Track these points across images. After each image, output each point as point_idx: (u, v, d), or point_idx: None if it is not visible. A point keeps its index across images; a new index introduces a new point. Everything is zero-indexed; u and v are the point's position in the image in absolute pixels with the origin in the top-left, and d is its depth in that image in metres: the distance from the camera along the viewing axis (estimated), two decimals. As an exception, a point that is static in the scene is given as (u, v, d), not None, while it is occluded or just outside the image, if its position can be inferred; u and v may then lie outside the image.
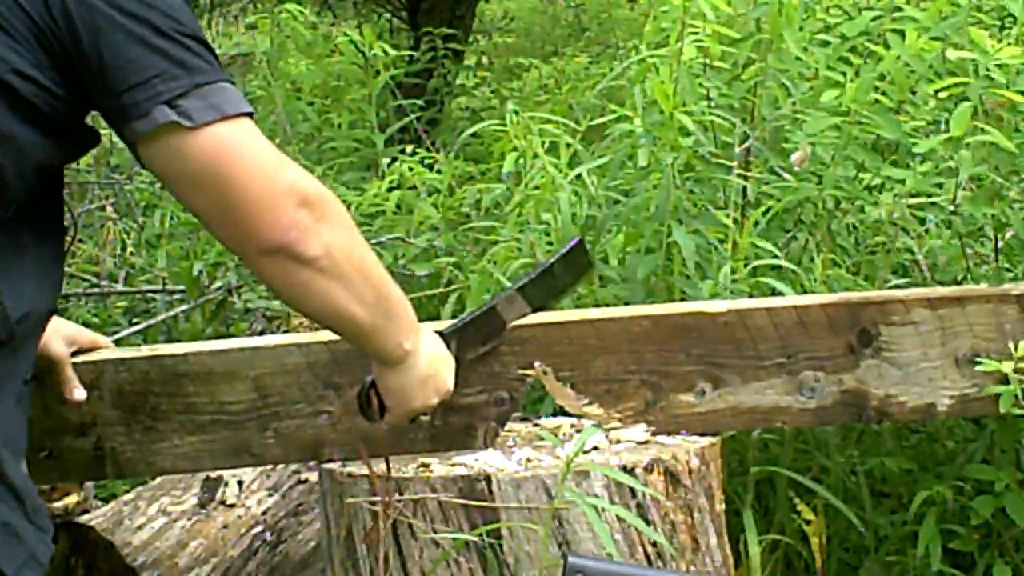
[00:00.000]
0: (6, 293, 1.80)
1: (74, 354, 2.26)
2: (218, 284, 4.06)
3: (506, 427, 2.36)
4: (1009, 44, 2.79)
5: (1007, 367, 2.31)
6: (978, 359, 2.32)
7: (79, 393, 2.24)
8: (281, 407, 2.29)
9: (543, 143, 3.36)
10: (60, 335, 2.24)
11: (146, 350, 2.35)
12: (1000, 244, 3.06)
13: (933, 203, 3.01)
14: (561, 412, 2.42)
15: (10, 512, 1.77)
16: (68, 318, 3.80)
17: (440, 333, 2.19)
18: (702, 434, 2.30)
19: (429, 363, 2.12)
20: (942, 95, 2.86)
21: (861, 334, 2.31)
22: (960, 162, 2.75)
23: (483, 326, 2.27)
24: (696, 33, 3.03)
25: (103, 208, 5.12)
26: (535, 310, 2.31)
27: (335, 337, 2.29)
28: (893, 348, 2.32)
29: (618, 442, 2.25)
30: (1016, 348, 2.31)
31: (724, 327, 2.30)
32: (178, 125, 1.77)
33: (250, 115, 1.85)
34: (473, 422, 2.27)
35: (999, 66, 2.77)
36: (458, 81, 7.31)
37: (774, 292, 2.83)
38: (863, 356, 2.31)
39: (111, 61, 1.77)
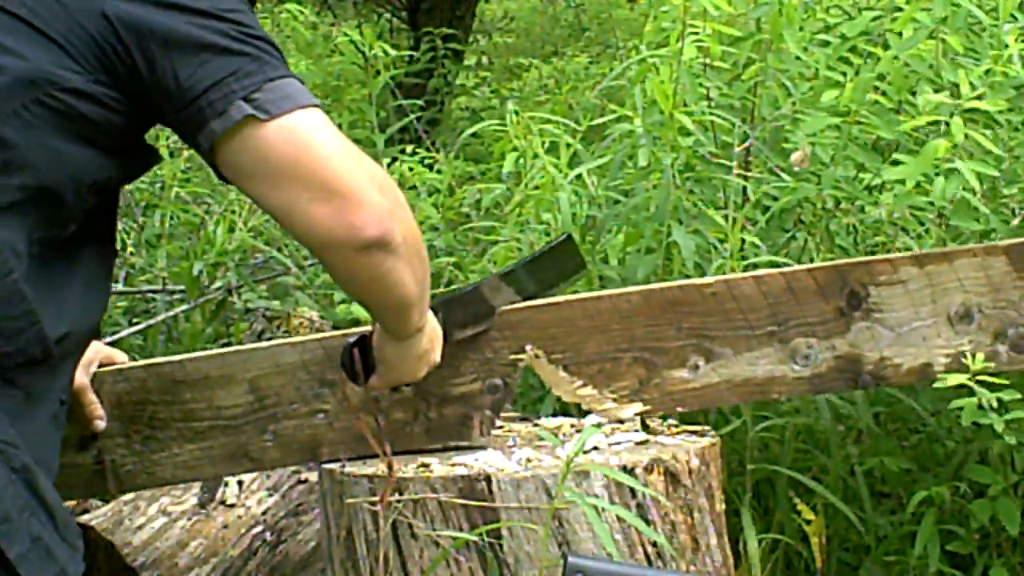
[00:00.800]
0: (49, 312, 1.78)
1: None
2: (218, 284, 4.06)
3: (505, 425, 2.36)
4: (986, 90, 2.83)
5: (959, 378, 2.28)
6: (971, 316, 2.29)
7: (100, 423, 2.27)
8: (278, 408, 2.29)
9: (543, 143, 3.37)
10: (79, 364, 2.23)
11: (142, 360, 2.36)
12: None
13: (925, 206, 3.01)
14: (561, 412, 2.42)
15: (41, 527, 1.76)
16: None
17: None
18: (698, 419, 2.29)
19: (429, 339, 2.12)
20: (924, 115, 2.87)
21: (850, 296, 2.28)
22: (934, 191, 2.76)
23: (469, 305, 2.26)
24: (696, 33, 3.04)
25: (103, 208, 5.10)
26: (524, 299, 2.30)
27: (328, 334, 2.30)
28: (884, 308, 2.29)
29: (617, 443, 2.25)
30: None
31: (712, 298, 2.28)
32: (255, 118, 1.75)
33: (321, 106, 1.82)
34: (468, 412, 2.27)
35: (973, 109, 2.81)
36: (458, 81, 7.32)
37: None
38: (854, 319, 2.29)
39: (184, 73, 1.77)
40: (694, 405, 2.31)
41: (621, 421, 2.31)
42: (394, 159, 4.43)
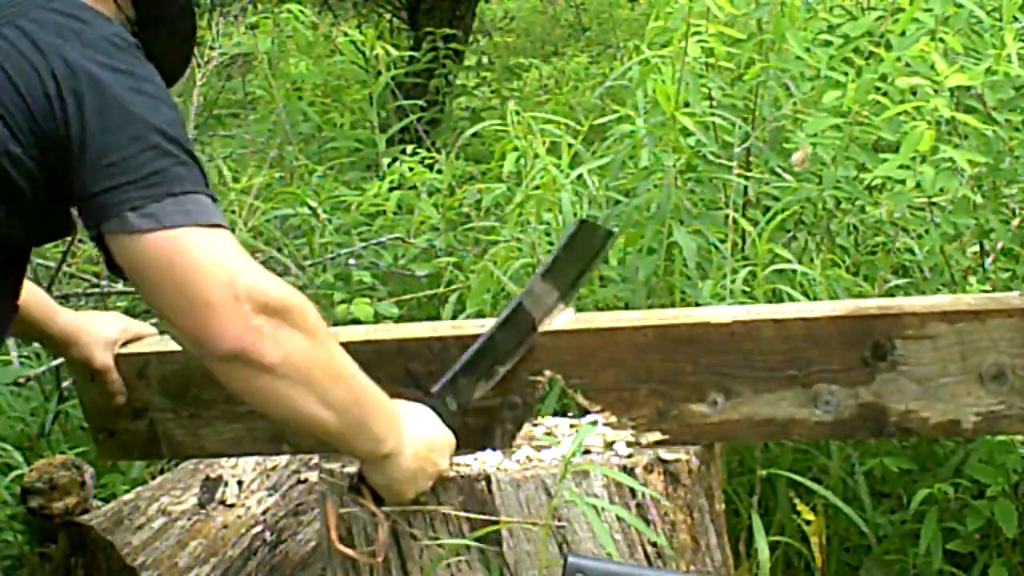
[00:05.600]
0: None
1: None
2: (218, 284, 4.05)
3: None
4: (961, 69, 2.83)
5: None
6: (1004, 376, 2.14)
7: (121, 399, 2.38)
8: None
9: (544, 143, 3.36)
10: (102, 343, 2.36)
11: None
12: (992, 254, 3.07)
13: (926, 207, 3.02)
14: (561, 413, 2.41)
15: None
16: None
17: (432, 395, 2.16)
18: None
19: (415, 456, 2.07)
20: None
21: (874, 348, 2.17)
22: (923, 180, 2.74)
23: (515, 326, 2.22)
24: (699, 33, 3.03)
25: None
26: (562, 293, 2.26)
27: (360, 338, 2.31)
28: (910, 362, 2.16)
29: (614, 443, 2.24)
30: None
31: (730, 338, 2.20)
32: (138, 229, 1.82)
33: (225, 228, 1.87)
34: (490, 424, 2.27)
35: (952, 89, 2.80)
36: (458, 81, 7.32)
37: (777, 297, 2.84)
38: (879, 370, 2.17)
39: (95, 162, 1.83)
40: (713, 439, 2.23)
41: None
42: (394, 159, 4.43)
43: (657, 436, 2.23)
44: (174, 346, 2.38)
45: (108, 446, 2.43)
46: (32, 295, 2.29)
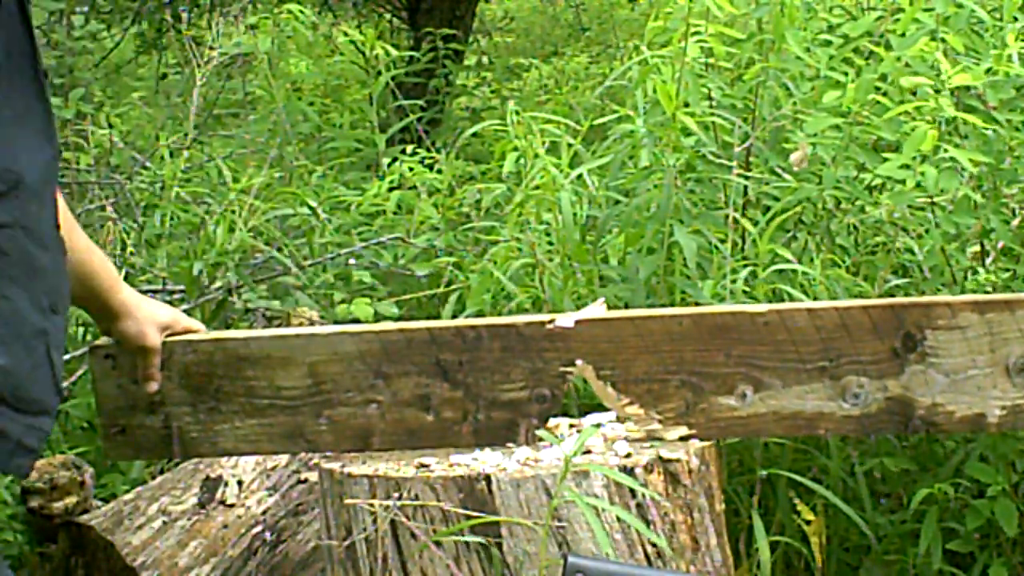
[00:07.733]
0: None
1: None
2: (218, 284, 4.06)
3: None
4: (965, 69, 2.84)
5: None
6: None
7: (153, 385, 2.34)
8: (334, 394, 2.32)
9: (544, 143, 3.36)
10: (156, 324, 2.32)
11: (212, 333, 2.42)
12: (992, 254, 3.07)
13: (926, 207, 3.01)
14: (561, 413, 2.41)
15: None
16: (69, 318, 3.81)
17: None
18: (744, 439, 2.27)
19: None
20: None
21: (905, 338, 2.21)
22: (925, 180, 2.74)
23: None
24: (699, 33, 3.03)
25: (103, 208, 5.11)
26: None
27: (386, 327, 2.32)
28: (939, 353, 2.21)
29: (614, 442, 2.25)
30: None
31: (764, 327, 2.23)
32: None
33: None
34: (515, 418, 2.27)
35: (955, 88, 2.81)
36: (458, 81, 7.32)
37: (777, 296, 2.84)
38: (908, 361, 2.21)
39: None
40: (739, 434, 2.27)
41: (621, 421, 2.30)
42: (394, 159, 4.43)
43: (683, 431, 2.24)
44: (198, 335, 2.37)
45: (118, 443, 2.40)
46: (102, 261, 2.23)
